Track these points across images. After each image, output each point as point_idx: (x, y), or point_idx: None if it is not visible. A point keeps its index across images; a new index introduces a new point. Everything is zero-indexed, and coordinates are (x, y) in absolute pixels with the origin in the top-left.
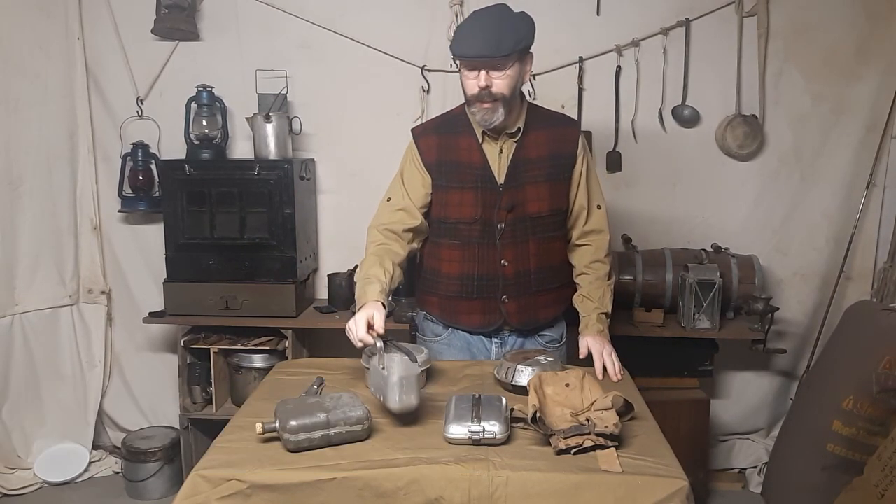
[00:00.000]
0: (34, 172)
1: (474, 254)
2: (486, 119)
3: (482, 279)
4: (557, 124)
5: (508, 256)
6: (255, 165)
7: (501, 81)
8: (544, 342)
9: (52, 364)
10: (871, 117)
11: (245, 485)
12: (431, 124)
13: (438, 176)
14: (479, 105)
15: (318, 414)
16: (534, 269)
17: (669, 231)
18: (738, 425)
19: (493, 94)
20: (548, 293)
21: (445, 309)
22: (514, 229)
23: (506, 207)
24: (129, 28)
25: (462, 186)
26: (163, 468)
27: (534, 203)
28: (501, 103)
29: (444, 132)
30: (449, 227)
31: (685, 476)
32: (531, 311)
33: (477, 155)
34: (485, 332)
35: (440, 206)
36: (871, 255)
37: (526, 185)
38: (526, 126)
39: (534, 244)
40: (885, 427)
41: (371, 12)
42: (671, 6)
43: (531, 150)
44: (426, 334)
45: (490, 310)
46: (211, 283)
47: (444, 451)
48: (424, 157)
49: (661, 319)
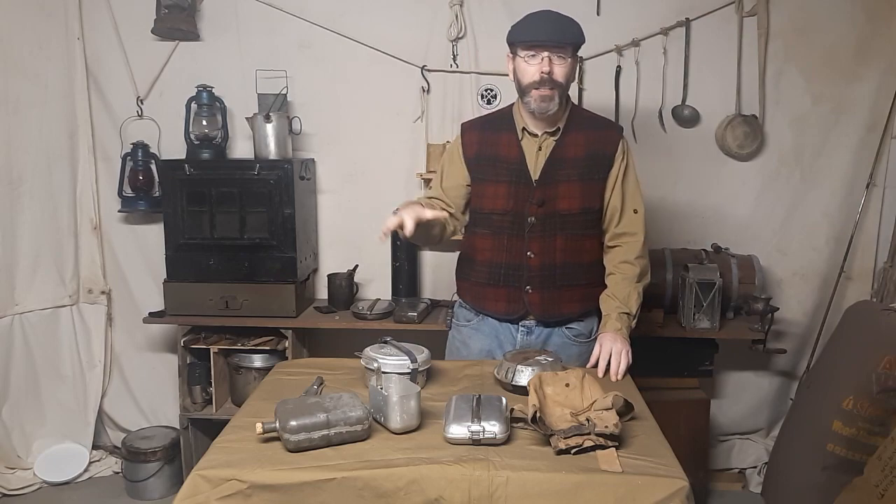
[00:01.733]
0: (34, 172)
1: (503, 243)
2: (543, 107)
3: (509, 268)
4: (599, 127)
5: (535, 249)
6: (255, 165)
7: (561, 69)
8: (571, 335)
9: (52, 364)
10: (871, 117)
11: (245, 485)
12: (479, 120)
13: (476, 169)
14: (537, 92)
15: (318, 414)
16: (559, 264)
17: (669, 231)
18: (738, 425)
19: (554, 80)
20: (573, 289)
21: (475, 294)
22: (543, 224)
23: (537, 202)
24: (129, 28)
25: (497, 179)
26: (163, 468)
27: (565, 200)
28: (558, 92)
29: (488, 129)
30: (483, 217)
31: (685, 476)
32: (554, 303)
33: (515, 151)
34: (510, 320)
35: (477, 198)
36: (871, 255)
37: (559, 182)
38: (566, 126)
39: (561, 240)
40: (885, 427)
41: (371, 12)
42: (671, 6)
43: (569, 150)
44: (459, 319)
45: (514, 298)
46: (211, 283)
47: (444, 451)
48: (466, 151)
49: (661, 319)
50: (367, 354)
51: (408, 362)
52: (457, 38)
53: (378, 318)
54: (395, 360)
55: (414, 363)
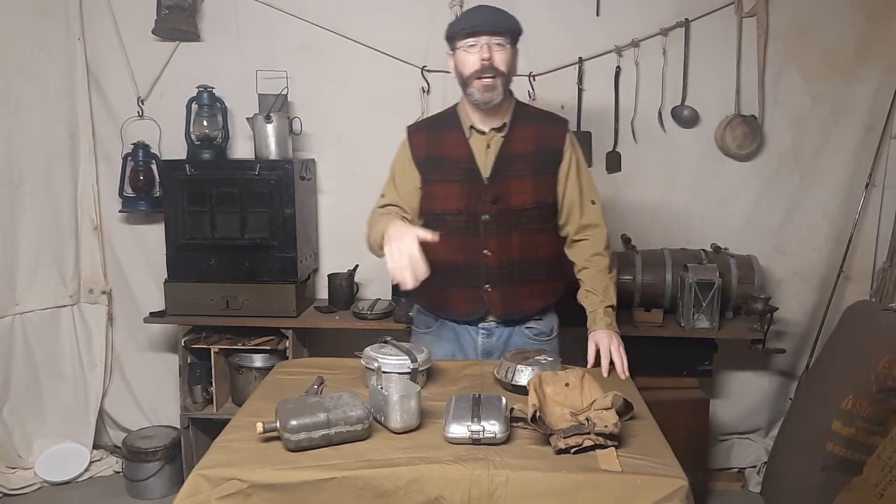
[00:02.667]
0: (35, 172)
1: (459, 243)
2: (487, 97)
3: (466, 268)
4: (545, 120)
5: (491, 246)
6: (256, 166)
7: (501, 56)
8: (532, 335)
9: (53, 364)
10: (870, 117)
11: (245, 484)
12: (424, 122)
13: (426, 171)
14: (478, 82)
15: (318, 413)
16: (517, 260)
17: (669, 231)
18: (737, 425)
19: (495, 67)
20: (532, 284)
21: (432, 298)
22: (498, 221)
23: (490, 199)
24: (129, 28)
25: (447, 179)
26: (163, 468)
27: (518, 195)
28: (500, 80)
29: (435, 129)
30: (436, 219)
31: (684, 475)
32: (515, 301)
33: (464, 149)
34: (470, 321)
35: (428, 199)
36: (870, 255)
37: (511, 178)
38: (513, 121)
39: (517, 236)
40: (884, 427)
41: (371, 13)
42: (671, 7)
43: (518, 145)
44: (419, 326)
45: (473, 298)
46: (211, 282)
47: (444, 451)
48: (415, 153)
49: (660, 319)
50: (368, 354)
51: (408, 362)
52: None
53: (378, 318)
54: (395, 360)
55: (414, 363)
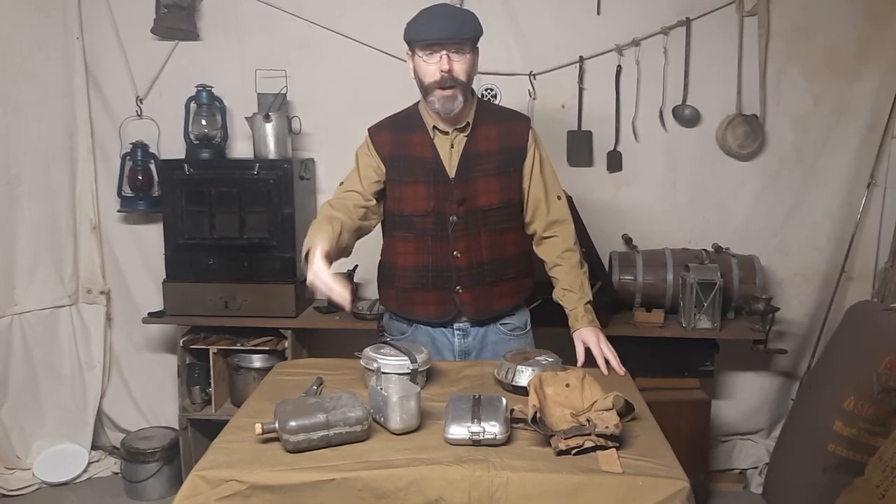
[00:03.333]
0: (33, 172)
1: (428, 246)
2: (447, 107)
3: (436, 270)
4: (507, 119)
5: (461, 248)
6: (255, 165)
7: (461, 66)
8: (507, 330)
9: (52, 364)
10: (872, 117)
11: (244, 485)
12: (386, 122)
13: (392, 170)
14: (439, 92)
15: (317, 414)
16: (487, 260)
17: (670, 231)
18: (738, 426)
19: (455, 78)
20: (503, 283)
21: (402, 301)
22: (466, 222)
23: (457, 200)
24: (128, 28)
25: (414, 180)
26: (162, 469)
27: (484, 196)
28: (460, 90)
29: (398, 129)
30: (403, 221)
31: (686, 477)
32: (486, 301)
33: (429, 150)
34: (443, 323)
35: (394, 201)
36: (871, 256)
37: (476, 178)
38: (475, 121)
39: (486, 236)
40: (885, 427)
41: (370, 12)
42: (671, 6)
43: (481, 144)
44: (392, 333)
45: (445, 300)
46: (210, 283)
47: (444, 452)
48: (380, 151)
49: (661, 319)
50: (367, 355)
51: (407, 362)
52: None
53: (378, 318)
54: (394, 361)
55: (414, 363)
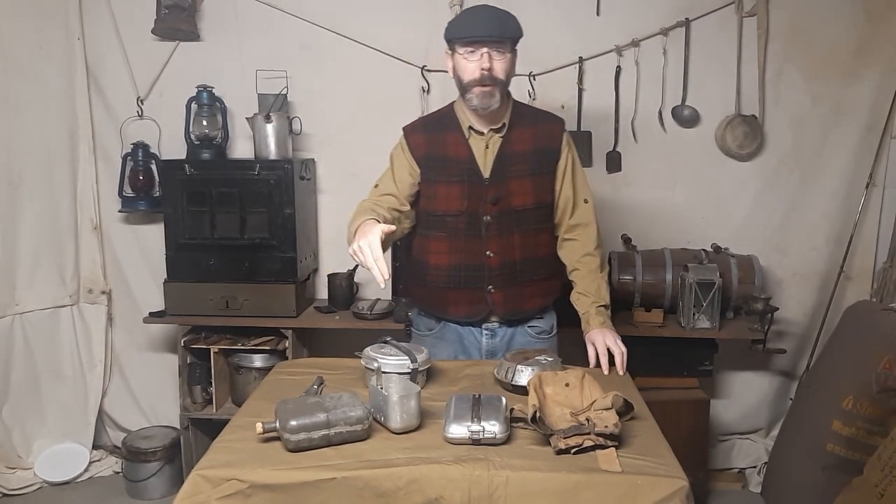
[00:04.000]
0: (34, 172)
1: (461, 245)
2: (485, 103)
3: (469, 269)
4: (542, 120)
5: (494, 248)
6: (256, 165)
7: (501, 65)
8: (534, 333)
9: (53, 364)
10: (870, 117)
11: (245, 484)
12: (420, 122)
13: (427, 170)
14: (478, 89)
15: (318, 414)
16: (519, 261)
17: (669, 231)
18: (737, 425)
19: (494, 77)
20: (534, 284)
21: (434, 300)
22: (499, 222)
23: (491, 200)
24: (129, 28)
25: (449, 180)
26: (163, 468)
27: (518, 196)
28: (499, 88)
29: (433, 129)
30: (437, 220)
31: (685, 476)
32: (517, 301)
33: (464, 150)
34: (473, 323)
35: (428, 200)
36: (870, 255)
37: (511, 179)
38: (511, 122)
39: (519, 236)
40: (884, 427)
41: (371, 12)
42: (671, 6)
43: (516, 145)
44: (420, 329)
45: (476, 300)
46: (211, 283)
47: (444, 451)
48: (414, 152)
49: (660, 319)
50: (367, 354)
51: (408, 362)
52: None
53: (378, 318)
54: (395, 360)
55: (414, 363)
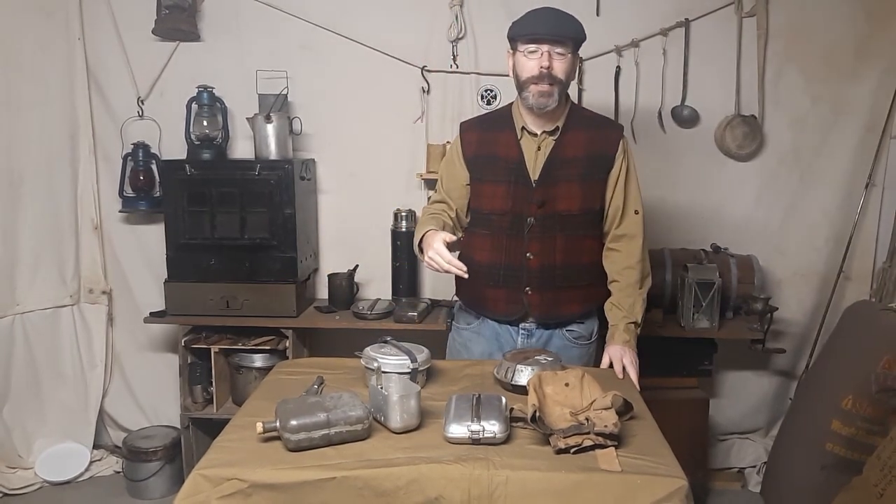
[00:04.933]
0: (35, 172)
1: (502, 244)
2: (542, 102)
3: (508, 269)
4: (599, 126)
5: (534, 249)
6: (256, 166)
7: (561, 65)
8: (571, 338)
9: (53, 364)
10: (870, 117)
11: (246, 484)
12: (477, 119)
13: (475, 169)
14: (535, 87)
15: (318, 413)
16: (559, 265)
17: (669, 231)
18: (737, 425)
19: (553, 76)
20: (573, 289)
21: (474, 295)
22: (542, 224)
23: (537, 203)
24: (129, 28)
25: (496, 179)
26: (163, 468)
27: (565, 201)
28: (558, 88)
29: (487, 128)
30: (482, 217)
31: (684, 475)
32: (554, 305)
33: (514, 150)
34: (510, 322)
35: (476, 198)
36: (870, 255)
37: (559, 182)
38: (566, 125)
39: (561, 240)
40: (884, 427)
41: (371, 13)
42: (671, 7)
43: (568, 150)
44: (459, 322)
45: (514, 300)
46: (211, 282)
47: (444, 451)
48: (465, 150)
49: (660, 319)
50: (368, 354)
51: (408, 362)
52: (457, 39)
53: (378, 317)
54: (395, 360)
55: (414, 363)
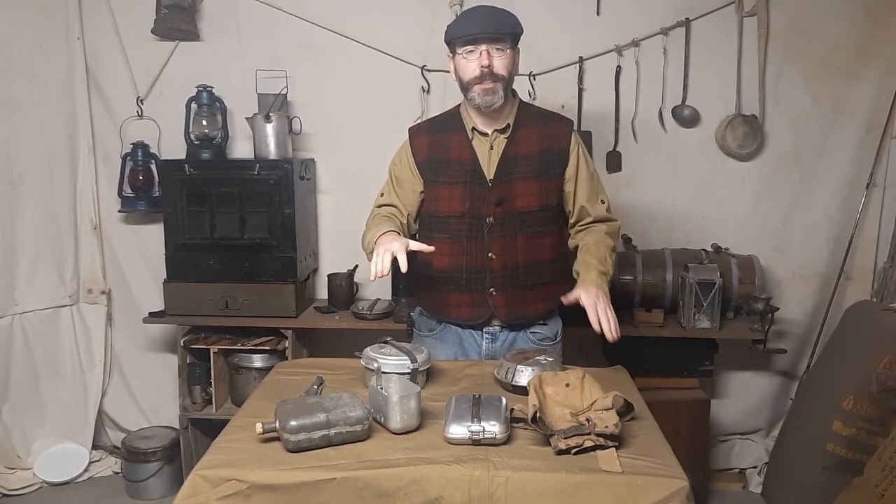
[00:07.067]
0: (34, 172)
1: (463, 247)
2: (488, 100)
3: (470, 272)
4: (550, 121)
5: (496, 249)
6: (255, 165)
7: (501, 61)
8: (536, 339)
9: (53, 364)
10: (870, 117)
11: (245, 485)
12: (426, 124)
13: (428, 173)
14: (479, 87)
15: (318, 414)
16: (521, 264)
17: (669, 231)
18: (738, 425)
19: (495, 73)
20: (537, 288)
21: (436, 301)
22: (502, 224)
23: (494, 202)
24: (129, 28)
25: (451, 182)
26: (163, 468)
27: (522, 198)
28: (501, 84)
29: (437, 131)
30: (439, 222)
31: (685, 476)
32: (519, 304)
33: (467, 152)
34: (474, 326)
35: (430, 202)
36: (871, 256)
37: (515, 180)
38: (516, 123)
39: (522, 238)
40: (885, 427)
41: (371, 12)
42: (671, 6)
43: (522, 147)
44: (421, 329)
45: (478, 302)
46: (211, 283)
47: (444, 451)
48: (416, 155)
49: (661, 319)
50: (367, 354)
51: (408, 362)
52: None
53: (378, 318)
54: (395, 360)
55: (414, 363)
